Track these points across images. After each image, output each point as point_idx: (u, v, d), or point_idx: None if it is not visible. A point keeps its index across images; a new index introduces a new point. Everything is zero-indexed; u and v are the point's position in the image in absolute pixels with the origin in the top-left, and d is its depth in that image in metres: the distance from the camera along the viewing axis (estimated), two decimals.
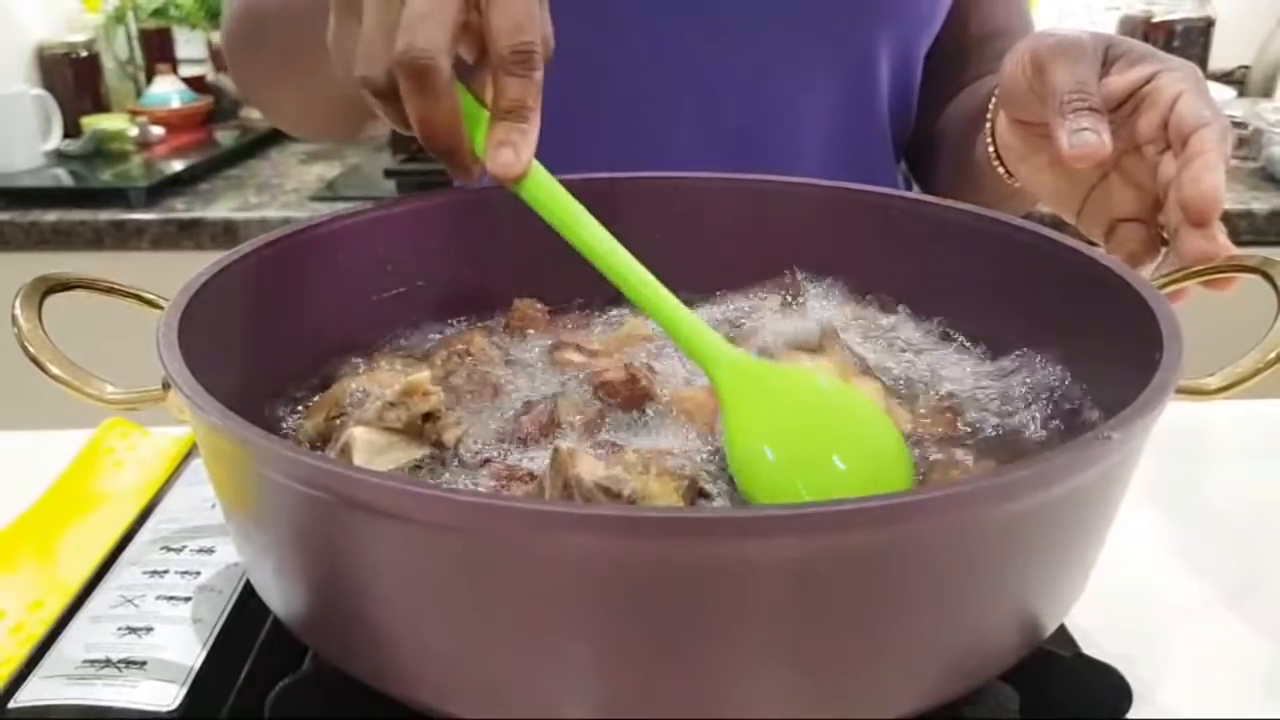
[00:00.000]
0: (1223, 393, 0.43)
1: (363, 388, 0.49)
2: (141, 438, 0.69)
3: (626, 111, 0.80)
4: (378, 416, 0.45)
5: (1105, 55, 0.56)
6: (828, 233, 0.63)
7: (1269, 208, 1.48)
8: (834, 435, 0.46)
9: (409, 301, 0.61)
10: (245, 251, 0.52)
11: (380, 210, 0.60)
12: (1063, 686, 0.45)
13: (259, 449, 0.36)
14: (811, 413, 0.47)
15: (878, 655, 0.36)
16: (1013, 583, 0.38)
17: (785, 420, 0.46)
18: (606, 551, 0.33)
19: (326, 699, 0.43)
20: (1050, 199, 0.62)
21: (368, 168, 1.74)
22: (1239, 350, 0.44)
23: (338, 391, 0.50)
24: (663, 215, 0.64)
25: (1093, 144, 0.52)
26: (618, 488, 0.39)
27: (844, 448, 0.45)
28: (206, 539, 0.53)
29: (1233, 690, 0.49)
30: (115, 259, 1.49)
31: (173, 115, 1.88)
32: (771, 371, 0.49)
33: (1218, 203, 0.50)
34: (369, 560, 0.36)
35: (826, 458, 0.45)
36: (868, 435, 0.46)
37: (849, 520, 0.32)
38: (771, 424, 0.45)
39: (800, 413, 0.47)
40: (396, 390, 0.45)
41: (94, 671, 0.44)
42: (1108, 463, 0.37)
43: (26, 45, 1.87)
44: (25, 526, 0.60)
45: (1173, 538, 0.61)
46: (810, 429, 0.46)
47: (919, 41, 0.84)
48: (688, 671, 0.34)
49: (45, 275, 0.48)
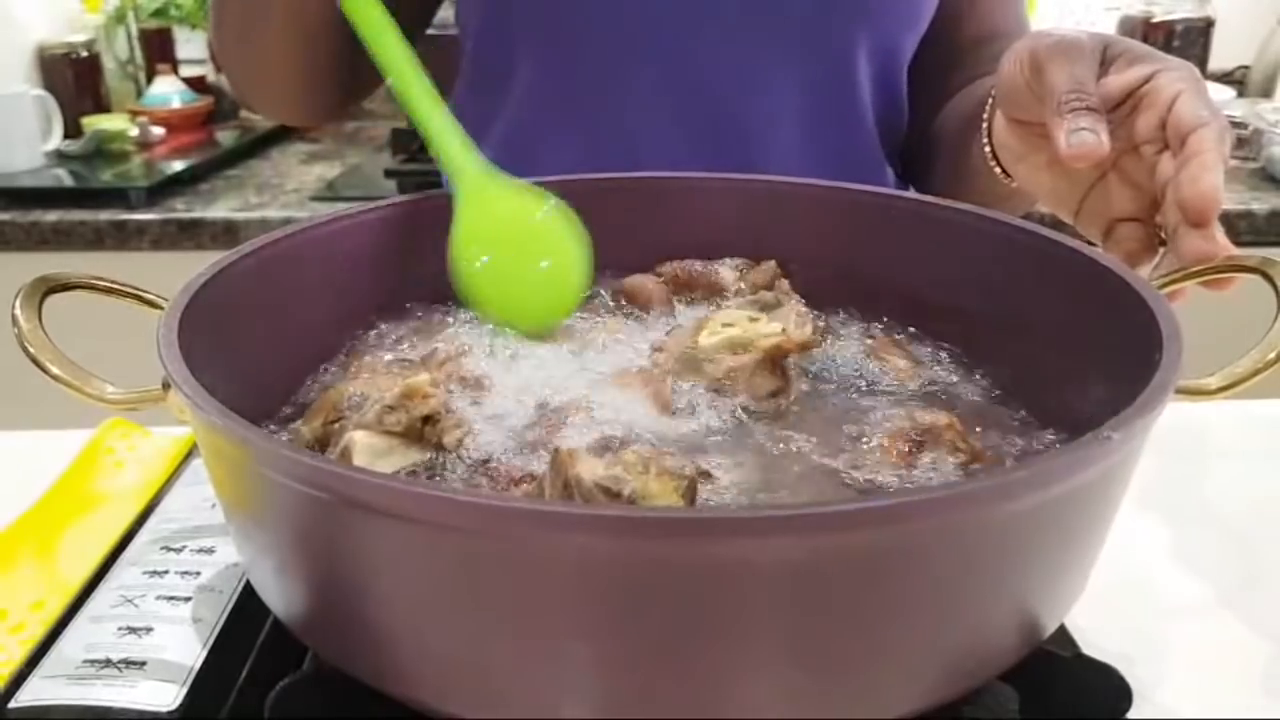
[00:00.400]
0: (1222, 393, 0.43)
1: (360, 391, 0.49)
2: (141, 438, 0.69)
3: (603, 107, 0.80)
4: (377, 420, 0.45)
5: (1103, 55, 0.56)
6: (827, 233, 0.63)
7: (1269, 208, 1.47)
8: (533, 248, 0.59)
9: (408, 301, 0.61)
10: (245, 251, 0.52)
11: (380, 210, 0.60)
12: (1063, 686, 0.45)
13: (259, 449, 0.37)
14: (522, 228, 0.59)
15: (877, 655, 0.36)
16: (1013, 583, 0.38)
17: (501, 230, 0.58)
18: (606, 552, 0.33)
19: (326, 699, 0.43)
20: (1048, 199, 0.62)
21: (368, 168, 1.74)
22: (1239, 350, 0.44)
23: (334, 395, 0.50)
24: (662, 215, 0.64)
25: (1090, 144, 0.52)
26: (617, 487, 0.39)
27: (539, 257, 0.58)
28: (206, 539, 0.53)
29: (1233, 690, 0.49)
30: (115, 259, 1.49)
31: (173, 115, 1.88)
32: (503, 190, 0.59)
33: (1216, 203, 0.50)
34: (369, 560, 0.36)
35: (526, 266, 0.58)
36: (559, 250, 0.59)
37: (849, 520, 0.32)
38: (490, 232, 0.58)
39: (513, 227, 0.59)
40: (395, 393, 0.45)
41: (94, 671, 0.44)
42: (1108, 463, 0.37)
43: (27, 45, 1.87)
44: (25, 526, 0.60)
45: (1173, 538, 0.61)
46: (518, 240, 0.59)
47: (903, 42, 0.83)
48: (687, 671, 0.34)
49: (45, 275, 0.48)
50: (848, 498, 0.44)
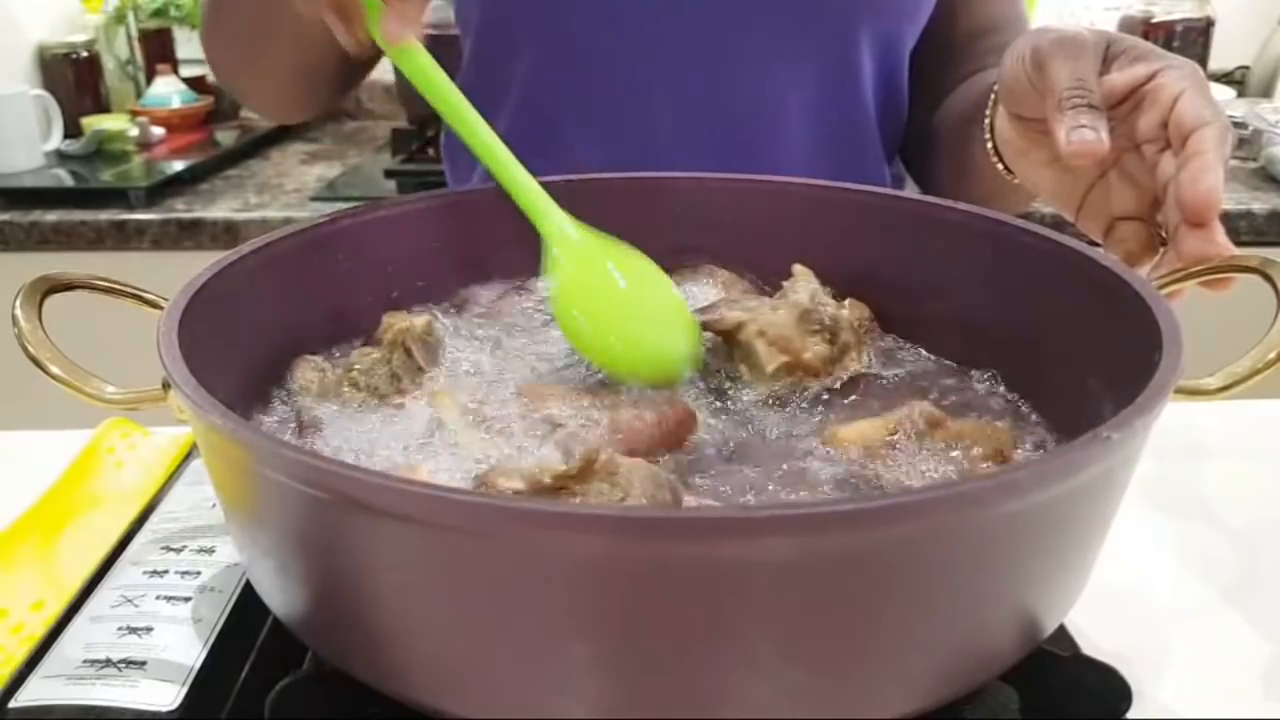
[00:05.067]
0: (1222, 393, 0.43)
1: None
2: (142, 438, 0.69)
3: (606, 103, 0.80)
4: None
5: (1106, 52, 0.56)
6: (827, 232, 0.63)
7: (1269, 208, 1.47)
8: (637, 301, 0.57)
9: (408, 302, 0.61)
10: (245, 251, 0.52)
11: (380, 211, 0.60)
12: (1062, 686, 0.45)
13: (259, 449, 0.37)
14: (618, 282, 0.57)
15: (877, 655, 0.36)
16: (1012, 583, 0.38)
17: (601, 286, 0.57)
18: (605, 552, 0.33)
19: (326, 699, 0.43)
20: (1049, 196, 0.62)
21: (368, 168, 1.74)
22: (1239, 350, 0.44)
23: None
24: (661, 215, 0.64)
25: (1091, 141, 0.52)
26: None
27: (644, 310, 0.57)
28: (206, 539, 0.53)
29: (1233, 690, 0.49)
30: (115, 259, 1.49)
31: (173, 115, 1.88)
32: (595, 244, 0.57)
33: (1216, 204, 0.50)
34: (369, 560, 0.36)
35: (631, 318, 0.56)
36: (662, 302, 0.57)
37: (849, 520, 0.32)
38: (589, 288, 0.56)
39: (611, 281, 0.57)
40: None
41: (94, 671, 0.44)
42: (1107, 463, 0.37)
43: (27, 45, 1.87)
44: (25, 526, 0.60)
45: (1173, 538, 0.61)
46: (620, 295, 0.57)
47: (903, 36, 0.84)
48: (687, 672, 0.34)
49: (45, 275, 0.48)
50: (848, 498, 0.44)
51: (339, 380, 0.52)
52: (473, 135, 0.57)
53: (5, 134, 1.61)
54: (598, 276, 0.57)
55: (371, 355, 0.53)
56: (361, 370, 0.52)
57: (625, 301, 0.57)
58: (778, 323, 0.55)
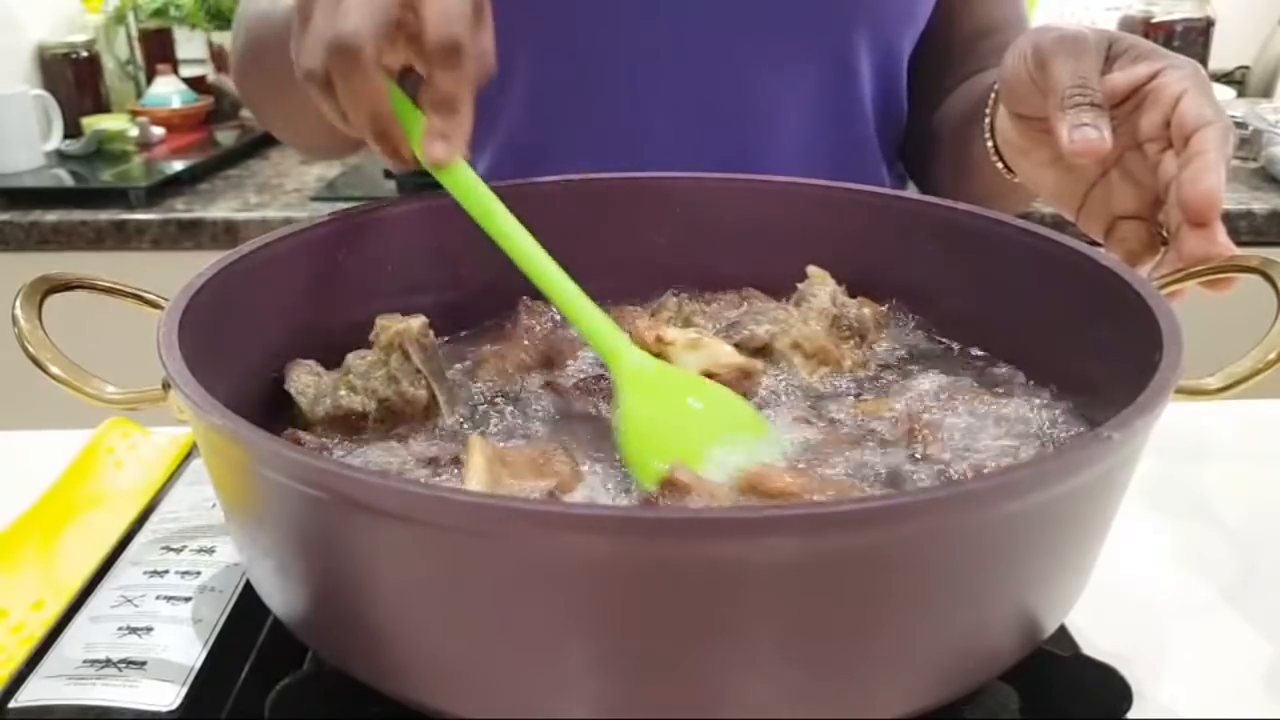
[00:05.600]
0: (1222, 393, 0.43)
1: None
2: (142, 438, 0.69)
3: (606, 105, 0.80)
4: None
5: (1108, 51, 0.56)
6: (828, 233, 0.63)
7: (1269, 208, 1.47)
8: (710, 430, 0.50)
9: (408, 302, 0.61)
10: (245, 251, 0.52)
11: (380, 211, 0.60)
12: (1062, 686, 0.45)
13: (259, 449, 0.37)
14: (691, 410, 0.52)
15: (878, 655, 0.36)
16: (1013, 583, 0.38)
17: (670, 416, 0.51)
18: (606, 551, 0.33)
19: (326, 699, 0.43)
20: (1050, 195, 0.62)
21: (368, 168, 1.74)
22: (1239, 350, 0.44)
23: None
24: (661, 215, 0.64)
25: (1093, 139, 0.52)
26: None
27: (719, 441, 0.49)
28: (206, 539, 0.53)
29: (1233, 690, 0.49)
30: (115, 259, 1.49)
31: (173, 115, 1.88)
32: (662, 373, 0.52)
33: (1217, 204, 0.50)
34: (368, 560, 0.36)
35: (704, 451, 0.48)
36: (739, 428, 0.50)
37: (848, 520, 0.32)
38: (658, 418, 0.50)
39: (682, 411, 0.51)
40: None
41: (94, 671, 0.44)
42: (1108, 463, 0.37)
43: (27, 45, 1.87)
44: (25, 526, 0.60)
45: (1173, 538, 0.61)
46: (690, 425, 0.51)
47: (902, 38, 0.84)
48: (686, 671, 0.34)
49: (45, 275, 0.48)
50: (847, 498, 0.44)
51: (335, 384, 0.52)
52: (527, 259, 0.52)
53: (5, 134, 1.61)
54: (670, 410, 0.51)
55: (368, 358, 0.53)
56: (358, 374, 0.52)
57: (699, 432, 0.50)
58: (811, 335, 0.56)
